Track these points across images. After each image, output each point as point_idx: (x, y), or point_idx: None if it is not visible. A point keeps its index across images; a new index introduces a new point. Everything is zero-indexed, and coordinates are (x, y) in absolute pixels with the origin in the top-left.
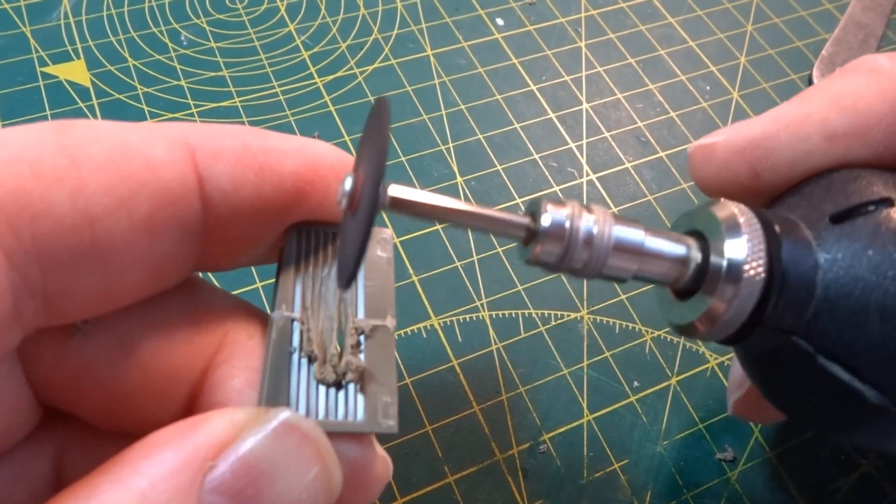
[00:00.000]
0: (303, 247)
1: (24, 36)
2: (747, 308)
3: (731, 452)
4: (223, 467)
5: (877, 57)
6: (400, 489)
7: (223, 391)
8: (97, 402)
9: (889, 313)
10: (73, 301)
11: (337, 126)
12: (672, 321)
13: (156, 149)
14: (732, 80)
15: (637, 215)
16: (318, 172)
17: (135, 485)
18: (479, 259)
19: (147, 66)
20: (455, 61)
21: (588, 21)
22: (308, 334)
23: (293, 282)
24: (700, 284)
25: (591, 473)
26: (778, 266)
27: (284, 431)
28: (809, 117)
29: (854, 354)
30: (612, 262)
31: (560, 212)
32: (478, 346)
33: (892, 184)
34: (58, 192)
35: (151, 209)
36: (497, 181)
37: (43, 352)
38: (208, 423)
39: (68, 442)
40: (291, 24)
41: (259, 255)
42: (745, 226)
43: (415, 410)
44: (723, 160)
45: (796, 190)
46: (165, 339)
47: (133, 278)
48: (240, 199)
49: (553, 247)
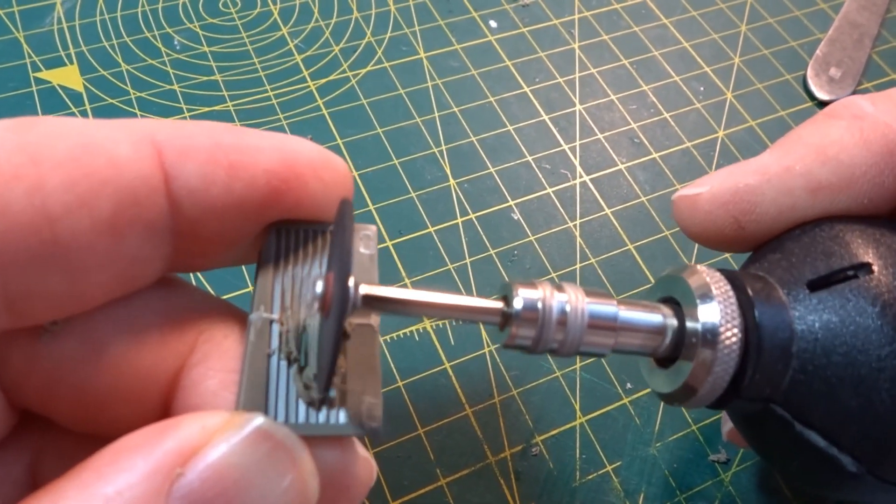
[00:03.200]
0: (282, 246)
1: (17, 41)
2: (724, 380)
3: (725, 454)
4: (191, 475)
5: (859, 100)
6: (392, 492)
7: (197, 393)
8: (70, 405)
9: (864, 385)
10: (37, 302)
11: (330, 129)
12: (655, 390)
13: (120, 146)
14: (726, 81)
15: (630, 217)
16: (294, 170)
17: (99, 491)
18: (471, 262)
19: (140, 70)
20: (448, 64)
21: (581, 22)
22: (287, 335)
23: (272, 282)
24: (679, 352)
25: (584, 476)
26: (753, 335)
27: (257, 439)
28: (793, 169)
29: (830, 424)
30: (589, 338)
31: (532, 293)
32: (470, 349)
33: (871, 244)
34: (14, 189)
35: (114, 208)
36: (490, 183)
37: (11, 354)
38: (178, 428)
39: (44, 446)
40: (284, 28)
41: (238, 256)
42: (718, 292)
43: (407, 413)
44: (707, 212)
45: (777, 244)
46: (137, 340)
47: (99, 279)
48: (210, 197)
49: (527, 330)
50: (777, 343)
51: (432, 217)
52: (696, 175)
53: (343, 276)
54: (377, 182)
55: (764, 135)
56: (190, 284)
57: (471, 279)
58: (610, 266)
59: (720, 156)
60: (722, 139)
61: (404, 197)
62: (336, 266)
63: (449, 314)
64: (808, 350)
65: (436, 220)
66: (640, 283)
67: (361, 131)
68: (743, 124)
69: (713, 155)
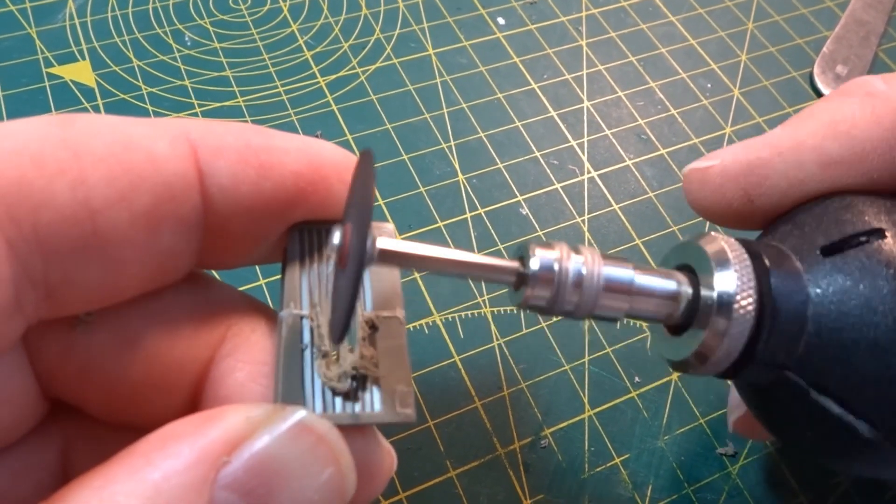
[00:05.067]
0: (306, 245)
1: (29, 37)
2: (739, 344)
3: (732, 447)
4: (236, 464)
5: (872, 79)
6: (402, 484)
7: (227, 385)
8: (102, 395)
9: (880, 349)
10: (75, 292)
11: (339, 125)
12: (666, 357)
13: (158, 143)
14: (733, 78)
15: (637, 212)
16: (319, 172)
17: (148, 476)
18: None
19: (151, 66)
20: (456, 60)
21: (589, 20)
22: (319, 330)
23: (299, 280)
24: (692, 319)
25: (593, 468)
26: (768, 300)
27: (299, 432)
28: (804, 143)
29: (846, 389)
30: (603, 302)
31: (548, 254)
32: (479, 343)
33: (883, 212)
34: (59, 183)
35: (152, 202)
36: (498, 179)
37: (47, 344)
38: (223, 419)
39: (75, 435)
40: (294, 25)
41: (262, 254)
42: (735, 260)
43: (417, 406)
44: (717, 185)
45: (789, 217)
46: (169, 333)
47: (134, 271)
48: (240, 196)
49: (543, 290)
50: (792, 307)
51: (441, 212)
52: None
53: (361, 228)
54: (387, 177)
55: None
56: (217, 280)
57: None
58: None
59: None
60: (729, 136)
61: (413, 192)
62: (354, 217)
63: (465, 271)
64: (822, 314)
65: (445, 214)
66: None
67: (371, 127)
68: (750, 121)
69: None
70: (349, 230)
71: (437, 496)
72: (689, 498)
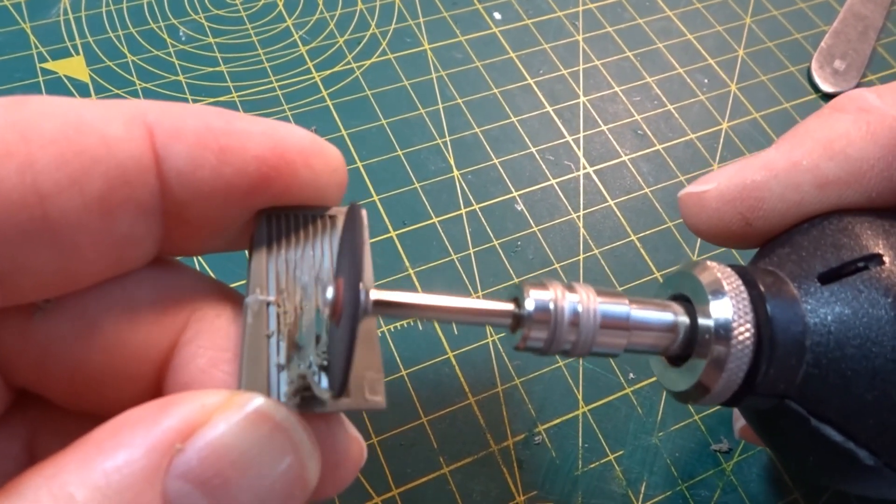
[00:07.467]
0: (274, 231)
1: (23, 32)
2: (739, 376)
3: (727, 444)
4: (190, 453)
5: (864, 93)
6: (395, 480)
7: (188, 371)
8: (63, 382)
9: (879, 377)
10: (28, 280)
11: (334, 120)
12: (667, 388)
13: (111, 125)
14: (730, 73)
15: (633, 208)
16: (284, 158)
17: (99, 465)
18: (475, 252)
19: (146, 61)
20: (452, 55)
21: (585, 14)
22: (284, 317)
23: (266, 266)
24: (691, 349)
25: (586, 464)
26: (766, 330)
27: (256, 419)
28: (799, 164)
29: (846, 418)
30: (601, 339)
31: (543, 295)
32: (474, 339)
33: (881, 235)
34: (5, 166)
35: (105, 187)
36: (494, 174)
37: (5, 332)
38: (179, 406)
39: (41, 425)
40: (289, 19)
41: (231, 240)
42: (730, 289)
43: (410, 402)
44: (714, 210)
45: (786, 238)
46: (129, 319)
47: (90, 258)
48: (199, 181)
49: (540, 331)
50: (790, 337)
51: (436, 208)
52: (699, 167)
53: (354, 283)
54: (381, 173)
55: (768, 127)
56: (183, 265)
57: (474, 270)
58: (613, 257)
59: (724, 148)
60: (726, 131)
61: (408, 188)
62: (347, 272)
63: (459, 318)
64: (821, 343)
65: (439, 210)
66: (643, 274)
67: (366, 122)
68: (747, 116)
69: (717, 147)
70: (341, 284)
71: (430, 492)
72: (684, 495)
